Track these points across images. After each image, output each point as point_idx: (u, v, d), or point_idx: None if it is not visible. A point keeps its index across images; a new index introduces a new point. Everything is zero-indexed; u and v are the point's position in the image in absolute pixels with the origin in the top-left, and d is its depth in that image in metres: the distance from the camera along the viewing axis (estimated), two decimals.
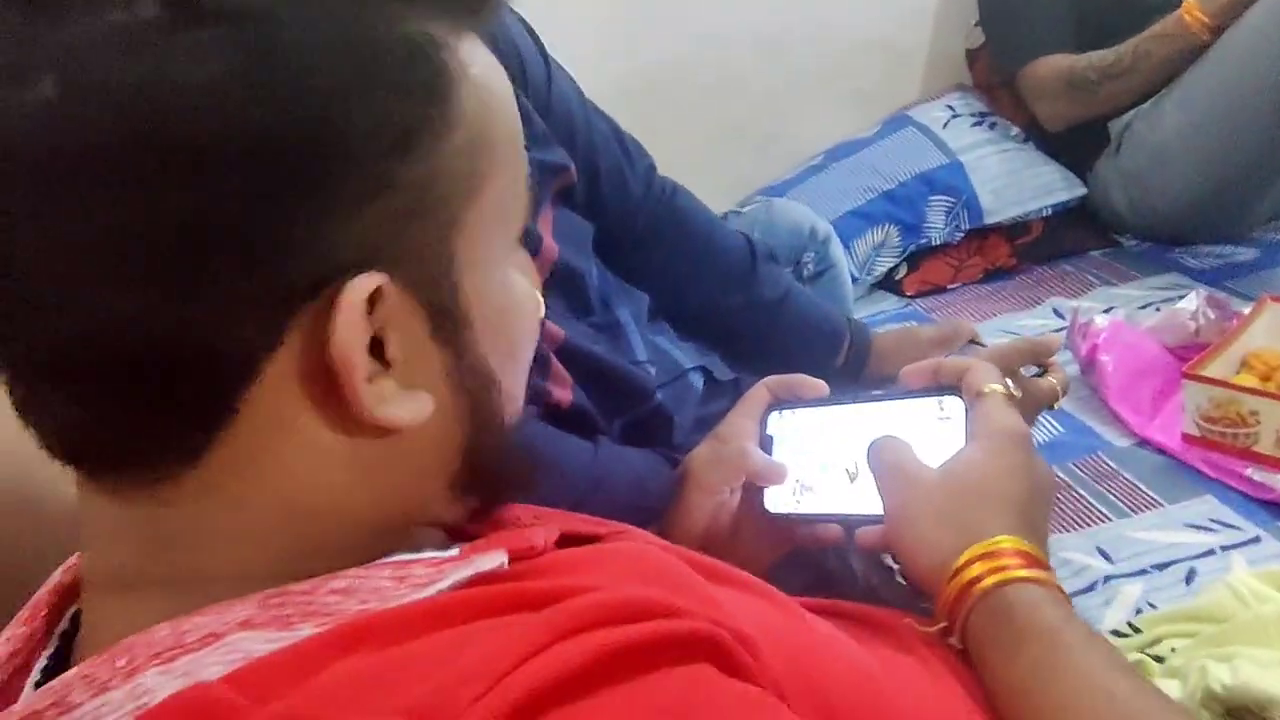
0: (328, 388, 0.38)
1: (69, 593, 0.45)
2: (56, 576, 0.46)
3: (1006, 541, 0.55)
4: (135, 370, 0.36)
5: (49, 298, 0.35)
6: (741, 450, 0.72)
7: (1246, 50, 1.49)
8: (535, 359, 0.79)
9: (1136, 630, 0.87)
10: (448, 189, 0.40)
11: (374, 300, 0.37)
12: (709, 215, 1.16)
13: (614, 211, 1.03)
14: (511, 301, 0.46)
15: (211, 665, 0.35)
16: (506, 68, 0.45)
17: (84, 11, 0.34)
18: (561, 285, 0.89)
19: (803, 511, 0.69)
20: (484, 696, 0.30)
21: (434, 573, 0.40)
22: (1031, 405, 0.95)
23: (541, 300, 0.50)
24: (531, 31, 0.96)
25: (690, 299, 1.09)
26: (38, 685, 0.41)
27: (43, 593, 0.45)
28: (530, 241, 0.87)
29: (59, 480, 0.41)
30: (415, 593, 0.38)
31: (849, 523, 0.66)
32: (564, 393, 0.83)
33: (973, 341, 1.11)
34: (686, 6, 0.88)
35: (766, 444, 0.72)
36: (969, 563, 0.55)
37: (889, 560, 0.77)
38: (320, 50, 0.36)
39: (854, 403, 0.70)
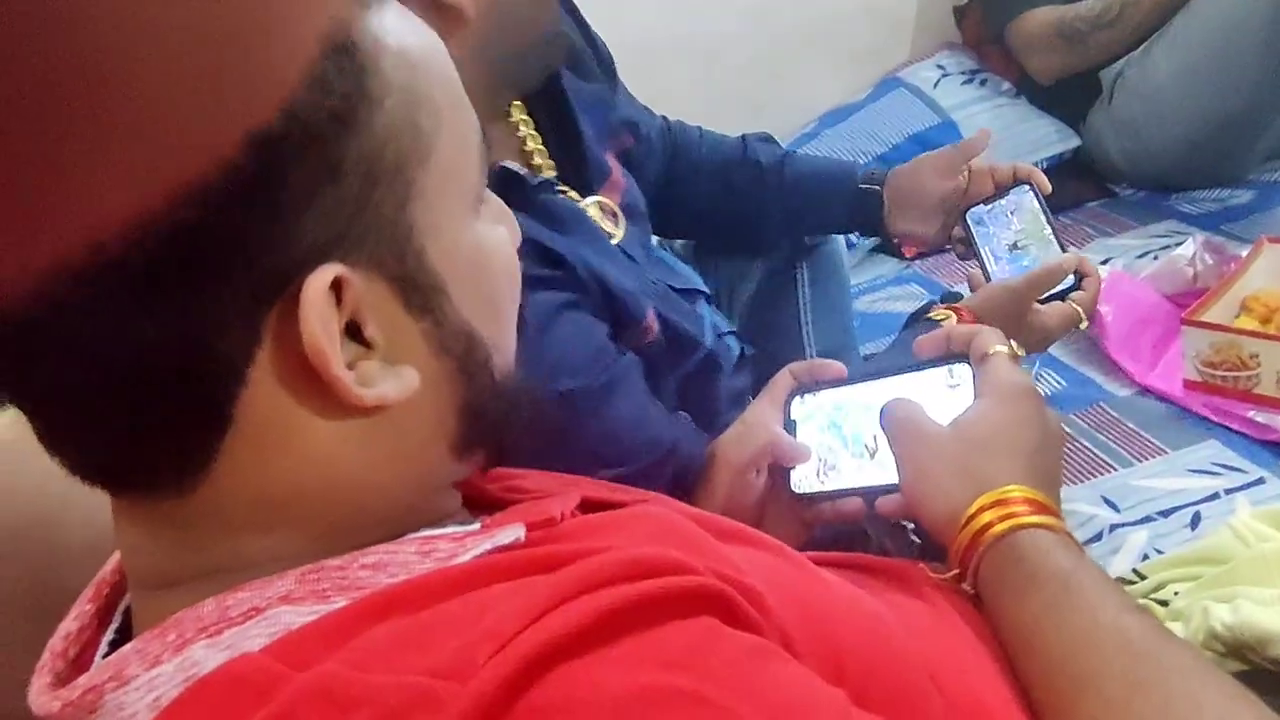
0: (313, 380, 0.38)
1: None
2: (115, 558, 0.47)
3: (1016, 490, 0.55)
4: (132, 393, 0.36)
5: (49, 334, 0.35)
6: (767, 433, 0.73)
7: None
8: (633, 293, 0.84)
9: (1142, 577, 0.88)
10: (395, 157, 0.39)
11: (340, 288, 0.37)
12: (700, 132, 1.19)
13: (647, 171, 1.06)
14: (484, 256, 0.45)
15: (255, 637, 0.37)
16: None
17: None
18: (633, 219, 0.92)
19: (828, 489, 0.70)
20: (496, 655, 0.32)
21: (456, 547, 0.41)
22: (1058, 326, 0.95)
23: (515, 246, 0.49)
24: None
25: (699, 197, 1.12)
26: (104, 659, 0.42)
27: (105, 572, 0.47)
28: (599, 171, 0.90)
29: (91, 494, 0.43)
30: (439, 566, 0.40)
31: (870, 494, 0.67)
32: (652, 323, 0.86)
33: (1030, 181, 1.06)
34: None
35: (790, 428, 0.73)
36: (980, 510, 0.55)
37: (907, 525, 0.78)
38: None
39: (869, 380, 0.71)
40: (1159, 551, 0.98)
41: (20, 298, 0.34)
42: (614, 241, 0.89)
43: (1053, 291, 0.95)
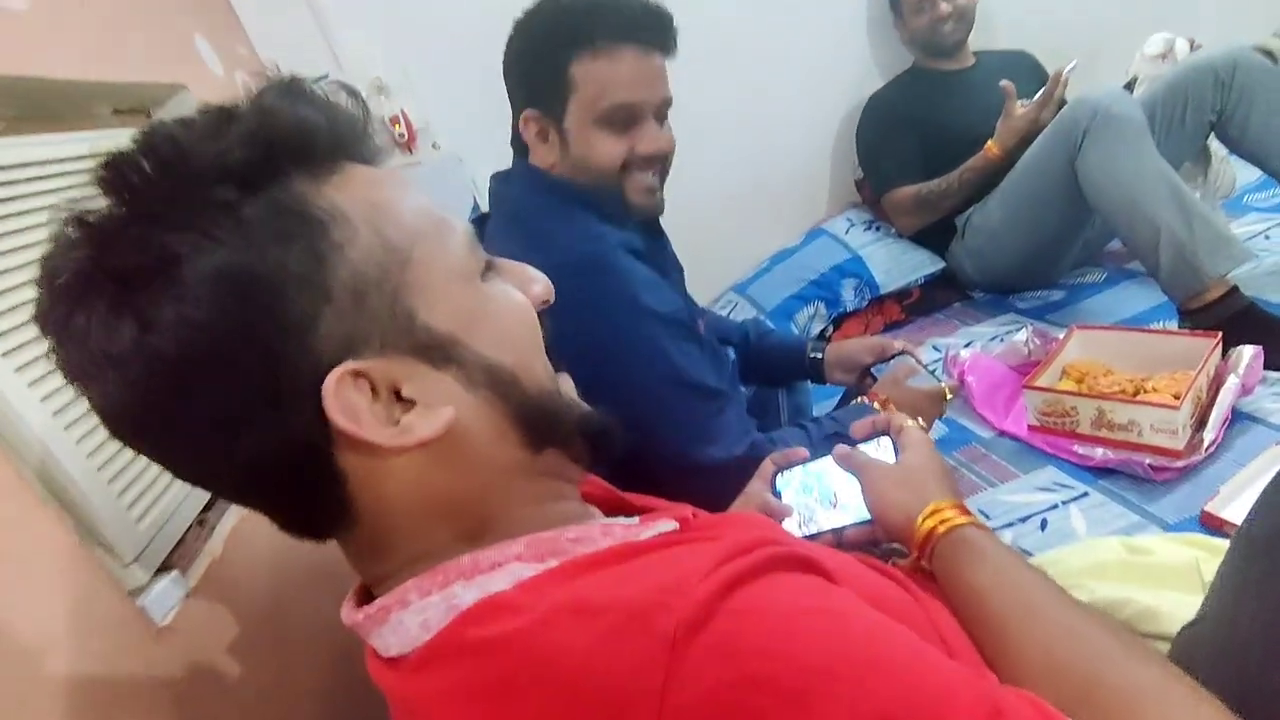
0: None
1: None
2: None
3: (947, 502, 0.56)
4: (276, 480, 0.37)
5: (203, 455, 0.37)
6: (761, 499, 0.71)
7: (1038, 164, 1.48)
8: (690, 317, 0.88)
9: None
10: (377, 272, 0.37)
11: (364, 374, 0.36)
12: (723, 320, 1.29)
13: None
14: (492, 309, 0.42)
15: (499, 582, 0.37)
16: None
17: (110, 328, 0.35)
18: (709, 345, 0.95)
19: (809, 533, 0.68)
20: (704, 579, 0.33)
21: (630, 531, 0.42)
22: (932, 401, 0.97)
23: (525, 297, 0.45)
24: None
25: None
26: None
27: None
28: (694, 315, 0.94)
29: None
30: (620, 542, 0.39)
31: (839, 532, 0.66)
32: (701, 328, 0.91)
33: (903, 351, 1.10)
34: (675, 172, 0.91)
35: (776, 495, 0.72)
36: (929, 515, 0.55)
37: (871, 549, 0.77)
38: (225, 272, 0.34)
39: (824, 456, 0.71)
40: (1021, 548, 0.96)
41: (221, 474, 0.38)
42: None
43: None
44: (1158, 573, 0.65)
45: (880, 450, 0.67)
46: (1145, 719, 0.38)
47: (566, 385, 0.47)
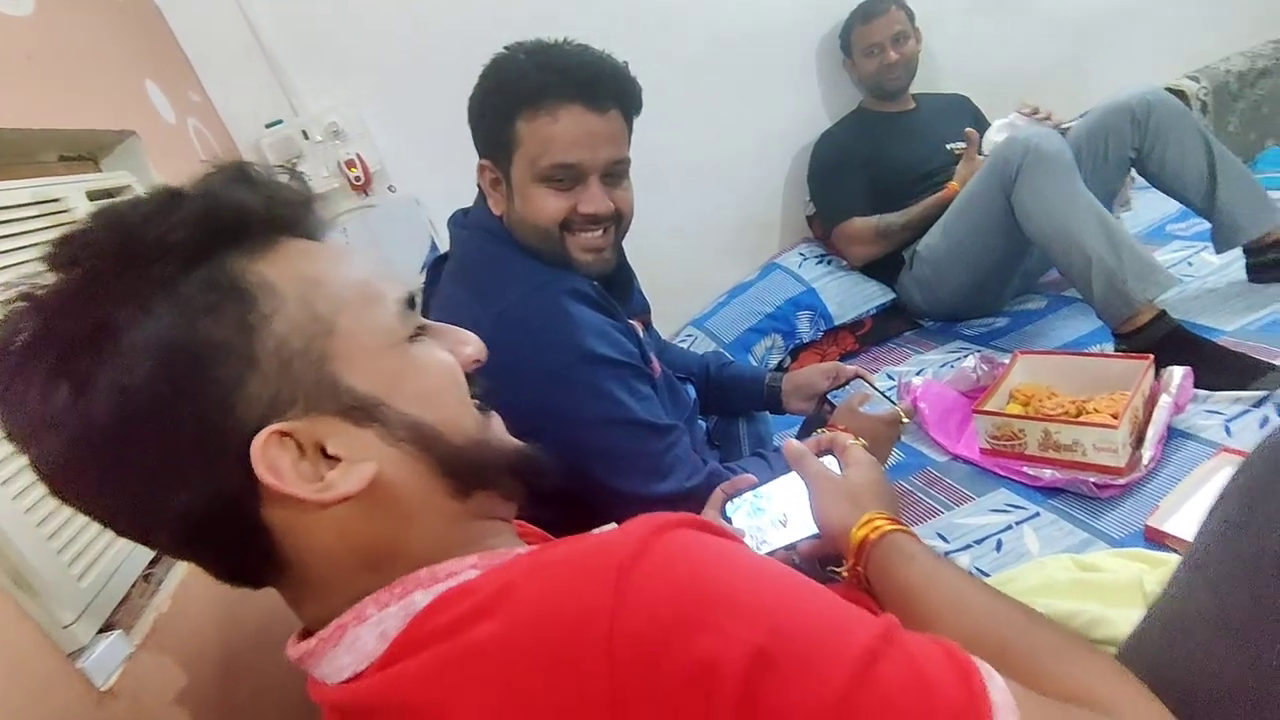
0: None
1: None
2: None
3: (881, 514, 0.58)
4: (207, 535, 0.39)
5: (137, 512, 0.39)
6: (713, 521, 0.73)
7: (977, 199, 1.54)
8: (642, 357, 0.89)
9: None
10: (302, 340, 0.39)
11: (290, 434, 0.38)
12: (684, 353, 1.31)
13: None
14: (415, 371, 0.44)
15: (457, 582, 0.39)
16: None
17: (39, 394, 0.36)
18: (666, 382, 0.98)
19: (763, 553, 0.69)
20: (644, 526, 0.36)
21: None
22: (889, 426, 0.98)
23: (451, 358, 0.47)
24: None
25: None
26: None
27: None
28: (646, 358, 0.95)
29: None
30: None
31: (791, 547, 0.67)
32: (657, 366, 0.93)
33: (857, 375, 1.13)
34: (638, 210, 0.93)
35: (728, 521, 0.73)
36: (864, 524, 0.57)
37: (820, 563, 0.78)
38: (157, 341, 0.36)
39: (771, 480, 0.72)
40: (979, 569, 0.98)
41: (155, 529, 0.39)
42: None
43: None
44: (1105, 590, 0.67)
45: (827, 466, 0.69)
46: (1064, 677, 0.40)
47: (496, 427, 0.48)
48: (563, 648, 0.33)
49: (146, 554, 0.77)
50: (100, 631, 0.65)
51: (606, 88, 0.84)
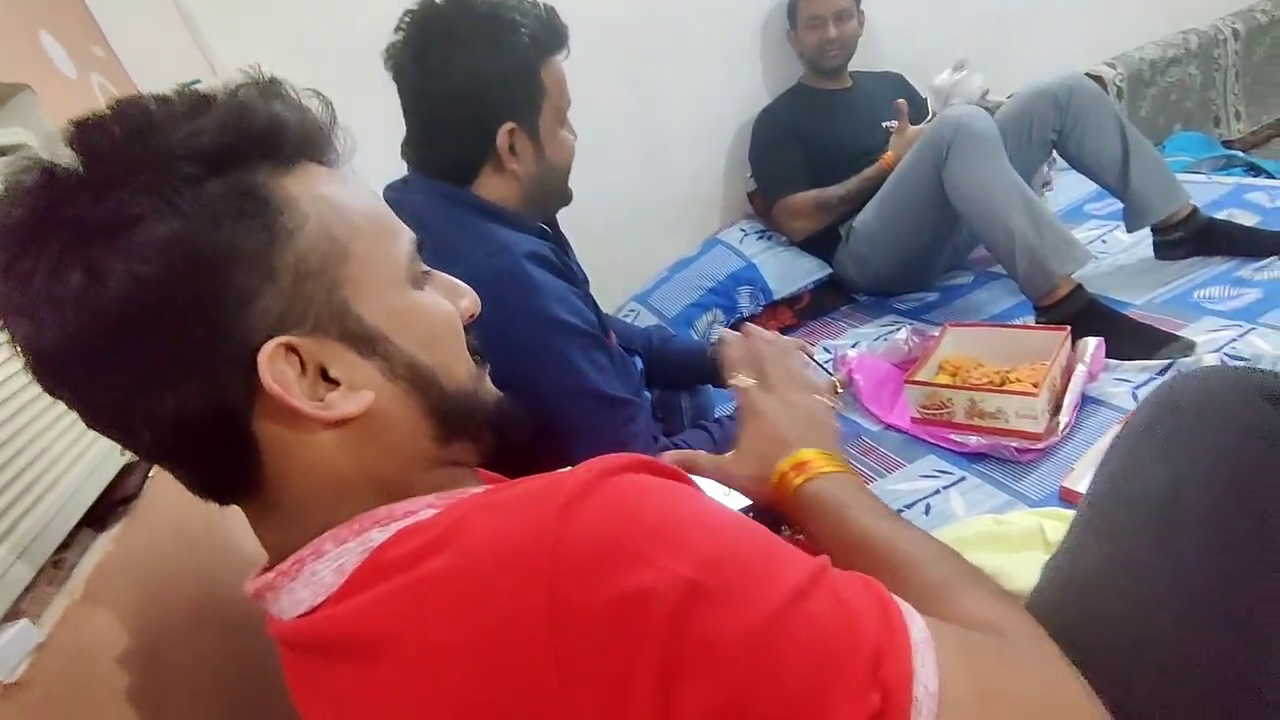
0: (295, 410, 0.39)
1: None
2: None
3: (784, 463, 0.54)
4: (194, 440, 0.39)
5: (125, 409, 0.38)
6: None
7: (910, 175, 1.57)
8: (600, 327, 0.89)
9: None
10: (319, 261, 0.40)
11: (295, 349, 0.39)
12: (628, 327, 1.31)
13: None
14: (419, 313, 0.44)
15: (415, 520, 0.39)
16: None
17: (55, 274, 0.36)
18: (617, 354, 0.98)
19: None
20: (589, 469, 0.37)
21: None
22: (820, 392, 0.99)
23: (452, 305, 0.48)
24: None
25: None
26: None
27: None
28: (604, 327, 0.95)
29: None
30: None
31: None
32: (613, 338, 0.95)
33: (799, 349, 1.11)
34: (577, 183, 0.92)
35: None
36: (779, 479, 0.55)
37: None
38: (179, 240, 0.36)
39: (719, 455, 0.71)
40: None
41: (137, 428, 0.38)
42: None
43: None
44: (1010, 540, 0.73)
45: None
46: (965, 605, 0.41)
47: (485, 381, 0.49)
48: (506, 576, 0.34)
49: (55, 538, 0.72)
50: (4, 620, 0.61)
51: (564, 30, 0.91)
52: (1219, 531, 0.41)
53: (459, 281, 0.50)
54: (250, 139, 0.39)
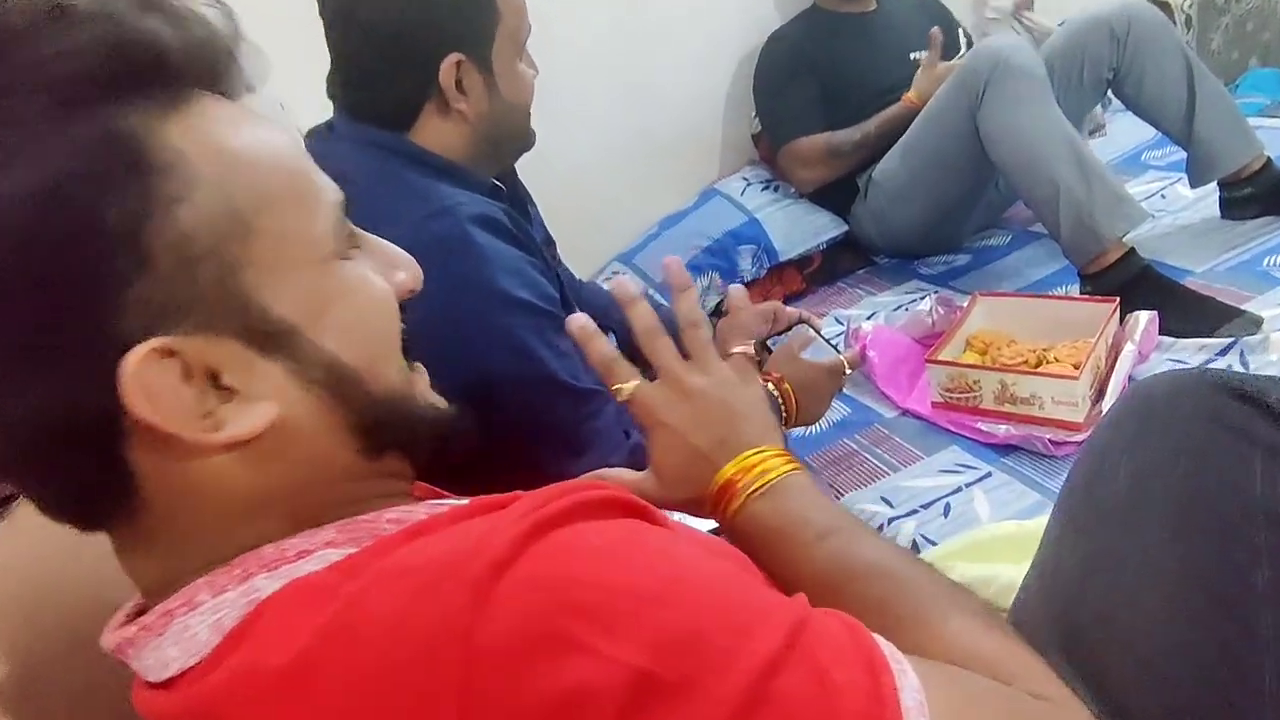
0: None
1: None
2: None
3: (719, 477, 0.51)
4: (49, 454, 0.36)
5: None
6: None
7: (940, 116, 1.54)
8: (566, 301, 0.86)
9: None
10: (211, 239, 0.35)
11: (176, 353, 0.35)
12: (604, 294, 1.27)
13: None
14: (342, 294, 0.41)
15: (307, 570, 0.37)
16: None
17: None
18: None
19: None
20: (517, 522, 0.34)
21: (458, 504, 0.42)
22: (831, 376, 0.97)
23: (387, 285, 0.44)
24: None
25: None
26: None
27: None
28: (568, 301, 0.93)
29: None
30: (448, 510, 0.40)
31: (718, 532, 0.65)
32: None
33: (801, 320, 1.12)
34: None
35: None
36: (717, 499, 0.52)
37: None
38: (20, 201, 0.32)
39: None
40: (924, 536, 1.01)
41: None
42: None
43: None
44: (1026, 541, 0.72)
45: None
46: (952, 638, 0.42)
47: (421, 383, 0.46)
48: (408, 672, 0.31)
49: None
50: None
51: None
52: (1183, 518, 0.48)
53: (397, 250, 0.46)
54: (120, 67, 0.34)
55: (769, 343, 1.13)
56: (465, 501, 0.44)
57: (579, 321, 0.58)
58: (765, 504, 0.50)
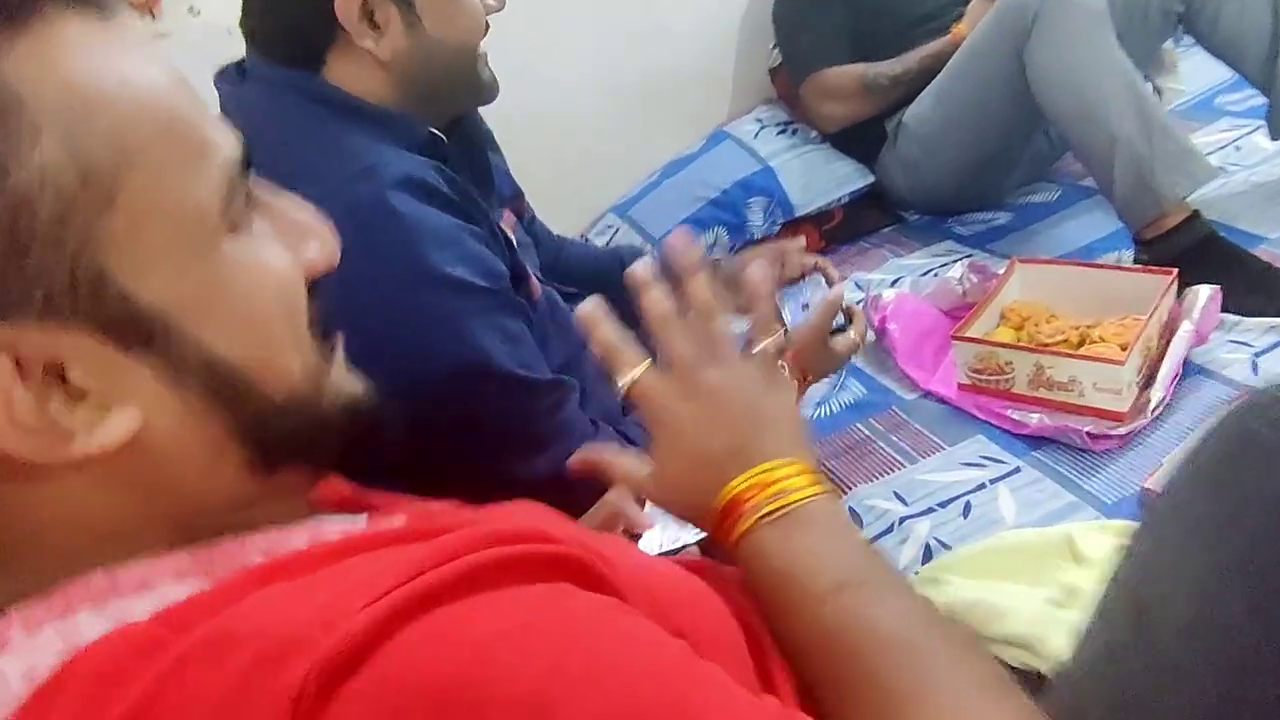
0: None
1: None
2: None
3: (726, 492, 0.49)
4: None
5: None
6: (614, 509, 0.69)
7: (982, 53, 1.49)
8: (520, 274, 0.83)
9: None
10: (59, 206, 0.31)
11: (4, 346, 0.31)
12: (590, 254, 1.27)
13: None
14: (231, 276, 0.37)
15: (140, 608, 0.33)
16: None
17: None
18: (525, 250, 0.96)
19: (668, 549, 0.68)
20: (371, 604, 0.30)
21: (348, 530, 0.39)
22: (845, 349, 0.98)
23: (292, 257, 0.41)
24: None
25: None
26: None
27: None
28: (500, 199, 0.93)
29: None
30: (310, 547, 0.37)
31: (706, 541, 0.65)
32: (536, 286, 0.89)
33: (816, 269, 1.12)
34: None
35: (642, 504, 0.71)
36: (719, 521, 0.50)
37: None
38: None
39: None
40: (939, 539, 0.98)
41: None
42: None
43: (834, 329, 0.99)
44: (1027, 553, 0.72)
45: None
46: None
47: (334, 373, 0.43)
48: None
49: None
50: None
51: None
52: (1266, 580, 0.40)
53: (308, 216, 0.43)
54: None
55: (780, 312, 1.10)
56: (361, 525, 0.42)
57: (586, 309, 0.55)
58: (776, 535, 0.47)
